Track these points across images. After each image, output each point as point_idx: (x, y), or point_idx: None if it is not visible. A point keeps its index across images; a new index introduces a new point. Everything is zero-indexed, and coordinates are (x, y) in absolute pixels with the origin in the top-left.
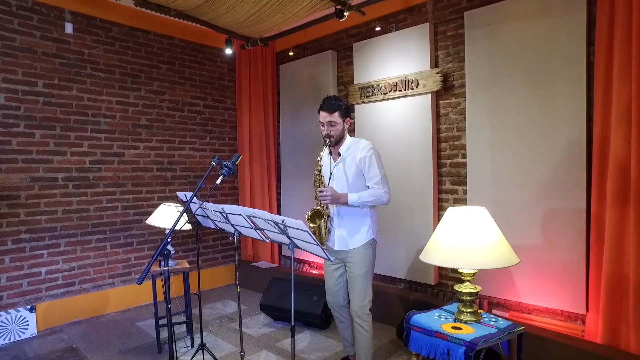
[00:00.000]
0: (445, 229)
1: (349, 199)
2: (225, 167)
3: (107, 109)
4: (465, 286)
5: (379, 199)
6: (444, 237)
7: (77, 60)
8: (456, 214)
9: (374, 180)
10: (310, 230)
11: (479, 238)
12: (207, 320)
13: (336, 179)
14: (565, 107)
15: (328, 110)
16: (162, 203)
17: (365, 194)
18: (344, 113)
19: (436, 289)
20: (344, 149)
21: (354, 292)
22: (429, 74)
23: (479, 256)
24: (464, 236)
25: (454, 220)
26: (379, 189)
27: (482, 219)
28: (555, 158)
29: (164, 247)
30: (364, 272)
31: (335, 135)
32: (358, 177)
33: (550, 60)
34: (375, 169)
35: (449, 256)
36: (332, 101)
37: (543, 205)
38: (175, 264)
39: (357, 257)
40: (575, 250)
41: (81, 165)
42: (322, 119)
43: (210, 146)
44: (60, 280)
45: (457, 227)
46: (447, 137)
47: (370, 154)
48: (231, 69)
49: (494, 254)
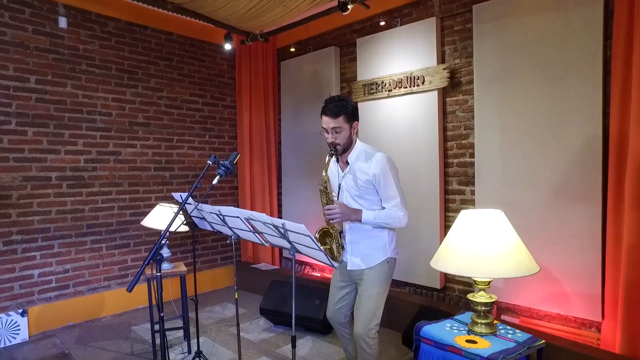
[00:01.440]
0: (458, 234)
1: (364, 217)
2: (222, 166)
3: (103, 106)
4: (480, 295)
5: (397, 222)
6: (456, 242)
7: (72, 55)
8: (470, 217)
9: (392, 202)
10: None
11: (496, 244)
12: (206, 324)
13: (346, 192)
14: (579, 103)
15: (331, 114)
16: (159, 203)
17: (382, 215)
18: (350, 116)
19: (442, 293)
20: (353, 157)
21: (360, 312)
22: (435, 70)
23: (495, 264)
24: (479, 242)
25: (467, 224)
26: (397, 211)
27: (498, 222)
28: (568, 157)
29: (155, 252)
30: (375, 293)
31: (342, 142)
32: (370, 192)
33: (563, 55)
34: (393, 188)
35: (463, 263)
36: (335, 103)
37: (555, 207)
38: (172, 267)
39: (370, 276)
40: (590, 254)
41: (76, 164)
42: (325, 125)
43: (209, 145)
44: (53, 283)
45: (471, 232)
46: (454, 136)
47: (387, 170)
48: (231, 66)
49: (512, 261)
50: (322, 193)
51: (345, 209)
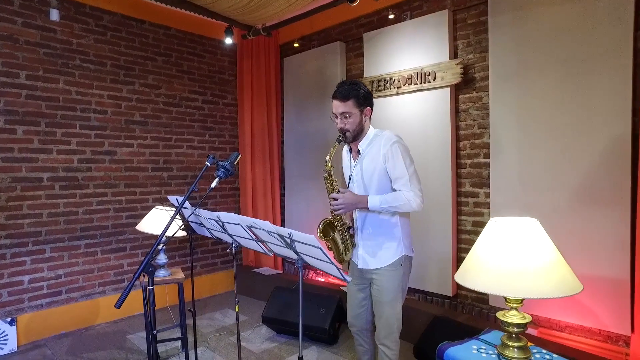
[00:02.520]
0: (487, 245)
1: (370, 202)
2: (221, 167)
3: (98, 104)
4: (511, 314)
5: (407, 203)
6: (486, 255)
7: (65, 50)
8: (501, 226)
9: (400, 181)
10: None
11: (533, 258)
12: (205, 332)
13: (356, 183)
14: (606, 100)
15: (341, 97)
16: (155, 206)
17: (389, 197)
18: (361, 100)
19: (454, 300)
20: (365, 145)
21: (381, 320)
22: (447, 65)
23: (533, 282)
24: (513, 255)
25: (498, 234)
26: (406, 191)
27: (534, 233)
28: (593, 158)
29: (147, 263)
30: (392, 298)
31: (352, 129)
32: (384, 179)
33: (588, 48)
34: (401, 165)
35: (495, 280)
36: (346, 86)
37: (578, 212)
38: (169, 274)
39: (384, 279)
40: (618, 262)
41: (69, 164)
42: (335, 109)
43: (209, 144)
44: (45, 290)
45: (503, 243)
46: (468, 135)
47: (395, 147)
48: (232, 62)
49: (553, 279)
50: (326, 180)
51: (350, 197)
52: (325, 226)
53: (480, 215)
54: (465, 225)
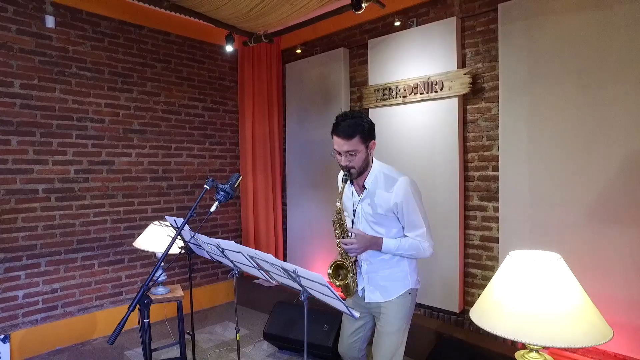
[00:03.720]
0: (506, 283)
1: (385, 246)
2: (221, 190)
3: (95, 113)
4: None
5: (420, 253)
6: (506, 294)
7: (60, 57)
8: (521, 262)
9: (416, 232)
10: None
11: (559, 301)
12: (205, 348)
13: (361, 220)
14: (622, 114)
15: (344, 135)
16: (152, 222)
17: (405, 245)
18: (366, 135)
19: (461, 317)
20: (370, 182)
21: (380, 351)
22: (455, 75)
23: (558, 328)
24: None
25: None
26: (422, 241)
27: (558, 272)
28: (608, 174)
29: (142, 295)
30: (396, 329)
31: (358, 165)
32: (389, 219)
33: (604, 59)
34: (418, 216)
35: (516, 325)
36: (349, 121)
37: (592, 229)
38: (167, 291)
39: (391, 310)
40: (633, 282)
41: (65, 175)
42: (338, 147)
43: (209, 152)
44: (40, 304)
45: (523, 282)
46: (476, 147)
47: (410, 197)
48: (233, 68)
49: (581, 325)
50: (336, 224)
51: (363, 240)
52: (337, 267)
53: (489, 230)
54: (473, 239)
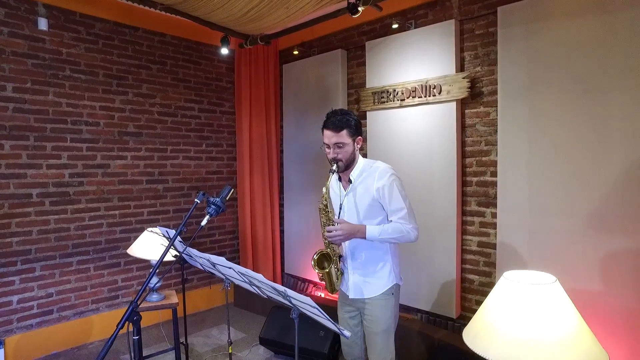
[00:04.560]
0: (499, 306)
1: (368, 232)
2: (212, 204)
3: (90, 116)
4: None
5: (405, 235)
6: (498, 318)
7: (54, 60)
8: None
9: (398, 214)
10: (319, 276)
11: (552, 326)
12: (201, 352)
13: (347, 212)
14: (623, 121)
15: (334, 128)
16: (146, 229)
17: (388, 229)
18: (353, 130)
19: (458, 322)
20: (356, 175)
21: (374, 352)
22: (453, 78)
23: (554, 354)
24: (529, 322)
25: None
26: (405, 223)
27: (553, 296)
28: (609, 183)
29: (132, 312)
30: (385, 328)
31: (345, 158)
32: (374, 209)
33: (606, 65)
34: (399, 200)
35: (509, 351)
36: (338, 116)
37: (593, 239)
38: (162, 298)
39: (376, 310)
40: (633, 294)
41: (59, 179)
42: (327, 140)
43: (206, 154)
44: (35, 309)
45: (517, 306)
46: (474, 152)
47: (391, 181)
48: (230, 69)
49: (574, 352)
50: (322, 212)
51: (348, 227)
52: (320, 257)
53: (487, 236)
54: (470, 245)
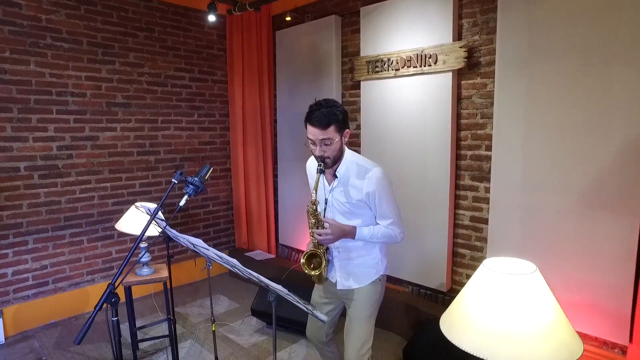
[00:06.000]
0: (477, 295)
1: (358, 235)
2: (190, 184)
3: (75, 86)
4: None
5: (392, 239)
6: (475, 307)
7: (33, 28)
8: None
9: (387, 221)
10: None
11: (529, 318)
12: (195, 323)
13: (331, 208)
14: (625, 96)
15: (320, 124)
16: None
17: (378, 233)
18: (341, 124)
19: (449, 296)
20: (342, 170)
21: (351, 337)
22: (450, 48)
23: (527, 346)
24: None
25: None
26: (394, 229)
27: (532, 286)
28: (605, 160)
29: (109, 294)
30: (367, 314)
31: (332, 155)
32: (359, 207)
33: (609, 36)
34: (389, 206)
35: (483, 341)
36: (324, 110)
37: (585, 216)
38: (152, 272)
39: (362, 297)
40: (622, 270)
41: (47, 152)
42: (312, 136)
43: (198, 124)
44: (30, 281)
45: (495, 296)
46: (469, 125)
47: (382, 187)
48: (221, 36)
49: (550, 343)
50: (311, 215)
51: (338, 230)
52: (310, 256)
53: (479, 211)
54: (463, 220)
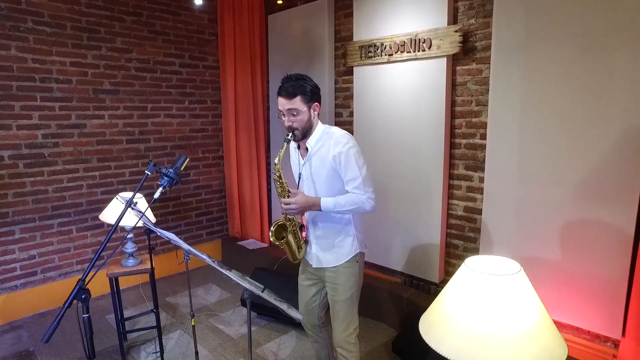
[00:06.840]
0: (458, 296)
1: (323, 204)
2: (164, 175)
3: (60, 72)
4: None
5: (360, 207)
6: (456, 308)
7: (12, 10)
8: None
9: (353, 184)
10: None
11: (511, 321)
12: (184, 313)
13: (306, 182)
14: (625, 85)
15: (286, 94)
16: (116, 197)
17: (342, 200)
18: (308, 97)
19: (441, 287)
20: (313, 143)
21: (337, 320)
22: (445, 32)
23: (509, 350)
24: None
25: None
26: (360, 194)
27: (515, 286)
28: (603, 151)
29: (79, 290)
30: (348, 296)
31: (300, 127)
32: (333, 179)
33: (610, 21)
34: (354, 168)
35: (463, 345)
36: (292, 82)
37: (581, 208)
38: (138, 263)
39: (339, 278)
40: (616, 263)
41: (32, 140)
42: (281, 107)
43: (189, 111)
44: (18, 271)
45: (477, 297)
46: (464, 112)
47: (347, 149)
48: (212, 20)
49: (533, 347)
50: (277, 182)
51: (303, 199)
52: (278, 228)
53: (473, 201)
54: (457, 210)
